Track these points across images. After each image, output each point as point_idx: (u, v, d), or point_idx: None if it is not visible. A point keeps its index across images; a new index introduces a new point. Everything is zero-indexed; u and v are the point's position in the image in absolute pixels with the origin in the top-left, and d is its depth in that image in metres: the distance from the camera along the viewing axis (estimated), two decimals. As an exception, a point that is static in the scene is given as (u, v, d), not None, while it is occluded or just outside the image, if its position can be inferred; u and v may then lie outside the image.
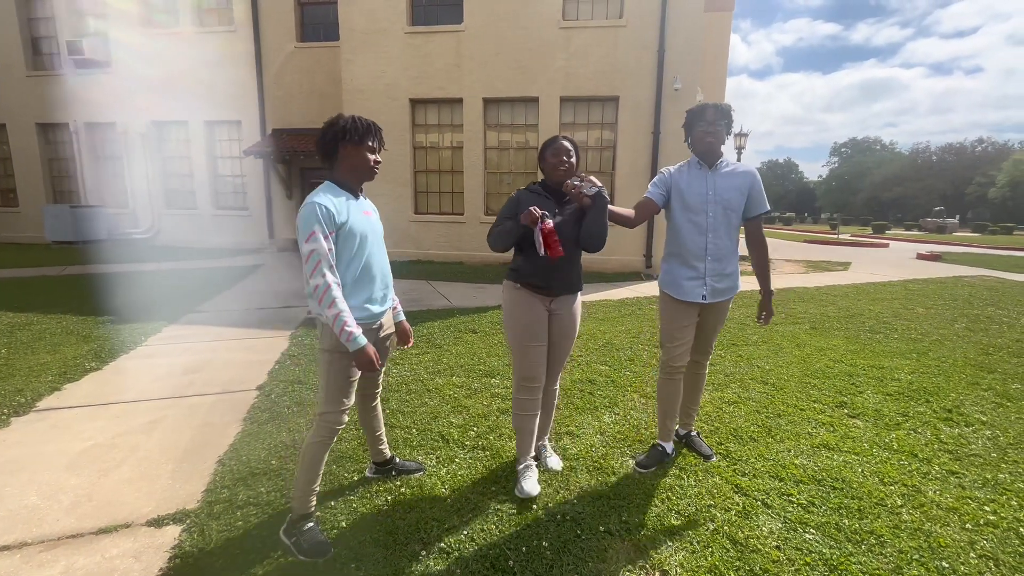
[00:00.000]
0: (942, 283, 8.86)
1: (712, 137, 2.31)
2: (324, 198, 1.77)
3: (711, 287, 2.37)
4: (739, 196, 2.32)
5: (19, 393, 3.26)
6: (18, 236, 13.55)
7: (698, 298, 2.37)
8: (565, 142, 2.23)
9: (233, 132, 12.67)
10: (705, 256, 2.35)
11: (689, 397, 2.63)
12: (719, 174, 2.34)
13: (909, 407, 3.27)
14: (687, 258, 2.37)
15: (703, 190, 2.33)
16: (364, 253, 1.88)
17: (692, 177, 2.37)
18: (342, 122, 1.83)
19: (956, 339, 5.00)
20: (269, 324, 5.19)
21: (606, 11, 9.52)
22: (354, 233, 1.82)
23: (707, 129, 2.31)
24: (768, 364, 4.12)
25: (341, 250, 1.82)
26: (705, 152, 2.34)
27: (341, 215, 1.79)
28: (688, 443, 2.67)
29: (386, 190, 10.47)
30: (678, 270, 2.40)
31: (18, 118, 13.12)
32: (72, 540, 1.90)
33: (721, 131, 2.31)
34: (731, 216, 2.33)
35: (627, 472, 2.44)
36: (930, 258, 13.54)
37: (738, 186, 2.33)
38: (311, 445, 1.88)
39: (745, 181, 2.34)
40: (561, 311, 2.28)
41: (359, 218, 1.86)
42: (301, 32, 11.93)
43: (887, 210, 57.51)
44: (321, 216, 1.73)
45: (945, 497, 2.26)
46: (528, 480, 2.23)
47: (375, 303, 1.93)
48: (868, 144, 74.66)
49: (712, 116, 2.30)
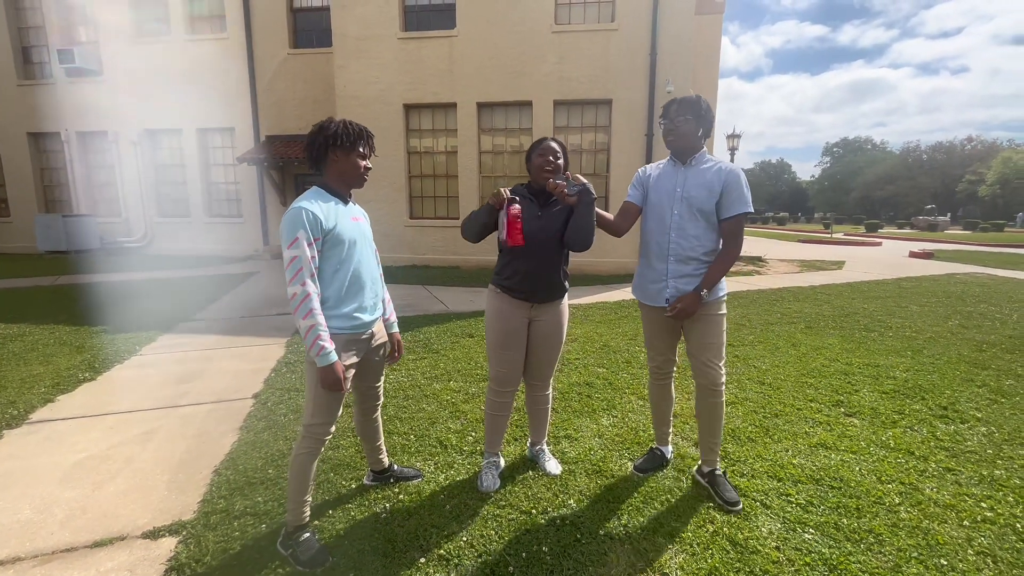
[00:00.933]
0: (935, 281, 8.93)
1: (673, 135, 2.17)
2: (311, 203, 1.72)
3: (675, 289, 2.18)
4: (707, 194, 2.12)
5: (11, 405, 3.22)
6: (9, 246, 13.44)
7: (661, 302, 2.22)
8: (552, 143, 2.22)
9: (226, 139, 12.64)
10: (667, 256, 2.19)
11: (704, 427, 2.31)
12: (692, 170, 2.19)
13: (905, 405, 3.29)
14: (650, 259, 2.26)
15: (671, 186, 2.20)
16: (353, 260, 1.84)
17: (663, 173, 2.26)
18: (332, 127, 1.79)
19: (950, 336, 5.03)
20: (264, 331, 5.17)
21: (598, 15, 9.58)
22: (342, 240, 1.78)
23: (668, 126, 2.18)
24: (764, 364, 4.13)
25: (328, 257, 1.77)
26: (675, 149, 2.21)
27: (328, 221, 1.74)
28: (711, 484, 2.27)
29: (381, 195, 10.47)
30: (645, 272, 2.30)
31: (9, 128, 13.03)
32: (66, 554, 1.88)
33: (685, 126, 2.14)
34: (698, 215, 2.14)
35: (626, 475, 2.43)
36: (922, 256, 13.66)
37: (708, 183, 2.13)
38: (298, 456, 1.85)
39: (718, 178, 2.13)
40: (543, 318, 2.26)
41: (347, 224, 1.83)
42: (294, 38, 11.94)
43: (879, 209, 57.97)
44: (307, 222, 1.68)
45: (942, 494, 2.27)
46: (488, 476, 2.34)
47: (365, 311, 1.90)
48: (860, 144, 75.31)
49: (674, 112, 2.15)
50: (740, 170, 2.14)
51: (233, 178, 12.71)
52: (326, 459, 2.55)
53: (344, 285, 1.82)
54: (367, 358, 2.01)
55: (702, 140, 2.19)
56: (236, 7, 11.79)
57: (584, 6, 9.63)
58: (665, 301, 2.20)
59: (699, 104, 2.13)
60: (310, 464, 1.87)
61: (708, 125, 2.17)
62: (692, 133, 2.15)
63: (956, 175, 54.18)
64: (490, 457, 2.42)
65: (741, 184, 2.11)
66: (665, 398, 2.45)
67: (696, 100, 2.14)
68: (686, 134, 2.15)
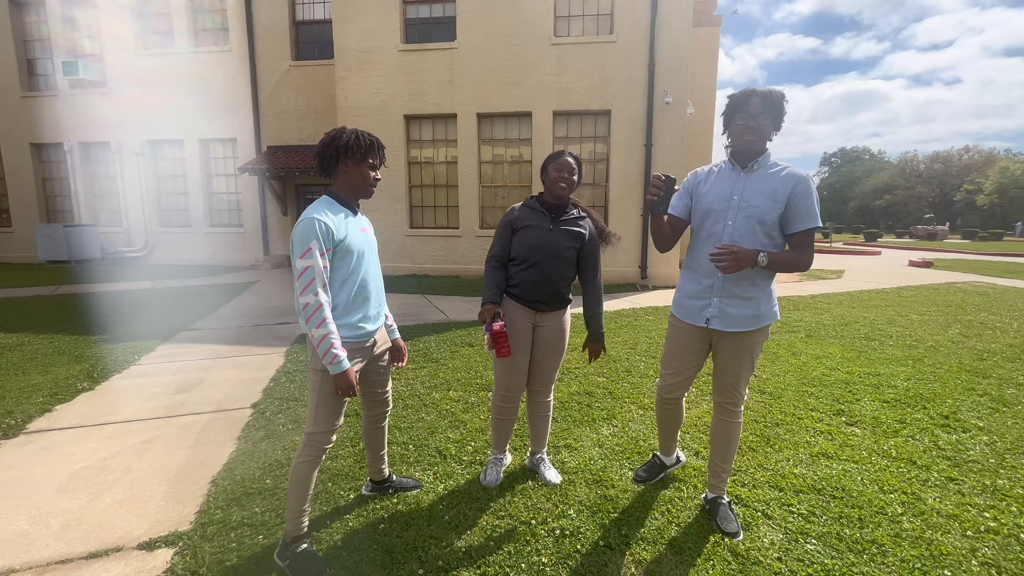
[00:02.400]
0: (935, 289, 8.93)
1: (753, 135, 1.86)
2: (323, 214, 1.74)
3: (719, 310, 1.95)
4: (771, 203, 1.85)
5: (9, 415, 3.21)
6: (11, 256, 13.47)
7: (701, 321, 1.99)
8: (569, 158, 2.24)
9: (228, 150, 12.72)
10: (716, 272, 1.92)
11: (717, 451, 2.14)
12: (753, 176, 1.91)
13: (906, 414, 3.28)
14: (696, 272, 2.01)
15: (727, 193, 1.92)
16: (361, 271, 1.86)
17: (719, 178, 1.98)
18: (344, 137, 1.80)
19: (950, 345, 5.03)
20: (263, 341, 5.16)
21: (596, 28, 9.70)
22: (351, 250, 1.80)
23: (748, 123, 1.85)
24: (765, 373, 4.12)
25: (337, 267, 1.79)
26: (743, 152, 1.92)
27: (339, 232, 1.76)
28: (712, 511, 2.12)
29: (381, 205, 10.51)
30: (686, 286, 2.07)
31: (12, 138, 13.13)
32: (61, 565, 1.86)
33: (766, 126, 1.85)
34: (758, 228, 1.87)
35: (626, 485, 2.41)
36: (922, 265, 13.66)
37: (772, 191, 1.86)
38: (299, 464, 1.85)
39: (785, 186, 1.85)
40: (546, 325, 2.30)
41: (357, 235, 1.85)
42: (296, 51, 12.07)
43: (878, 218, 58.15)
44: (319, 232, 1.70)
45: (945, 504, 2.25)
46: (492, 471, 2.44)
47: (370, 321, 1.92)
48: (857, 154, 75.78)
49: (757, 107, 1.83)
50: (810, 177, 1.87)
51: (234, 188, 12.78)
52: (324, 469, 2.53)
53: (351, 295, 1.84)
54: (371, 366, 2.05)
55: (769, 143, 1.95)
56: (239, 20, 11.94)
57: (583, 19, 9.75)
58: (705, 321, 1.98)
59: (782, 101, 1.85)
60: (310, 473, 1.86)
61: (780, 125, 1.91)
62: (769, 135, 1.88)
63: (954, 184, 54.44)
64: (496, 454, 2.50)
65: (812, 194, 1.85)
66: (676, 416, 2.30)
67: (780, 96, 1.85)
68: (766, 135, 1.87)
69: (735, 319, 1.94)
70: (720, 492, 2.17)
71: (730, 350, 2.00)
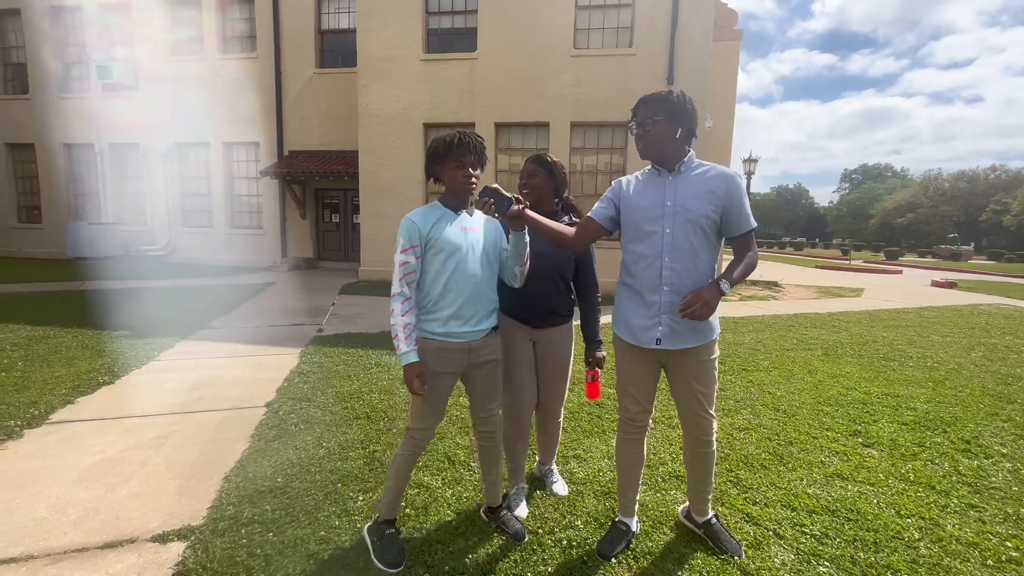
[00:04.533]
0: (958, 311, 8.71)
1: (643, 142, 1.81)
2: (417, 214, 1.85)
3: (669, 327, 1.81)
4: (706, 205, 1.75)
5: (33, 405, 3.30)
6: (40, 252, 13.92)
7: (651, 343, 1.84)
8: (532, 163, 2.19)
9: (251, 153, 13.03)
10: (660, 286, 1.79)
11: (695, 477, 2.04)
12: (683, 178, 1.80)
13: (926, 437, 3.20)
14: (638, 290, 1.86)
15: (658, 199, 1.81)
16: (451, 268, 1.84)
17: (646, 184, 1.87)
18: (434, 143, 1.88)
19: (973, 368, 4.90)
20: (279, 341, 5.24)
21: (616, 40, 9.76)
22: (442, 248, 1.82)
23: (636, 132, 1.83)
24: (780, 390, 4.05)
25: (429, 263, 1.84)
26: (649, 159, 1.86)
27: (430, 230, 1.82)
28: (708, 534, 2.03)
29: (399, 211, 10.62)
30: (628, 305, 1.92)
31: (46, 138, 13.61)
32: (78, 554, 1.91)
33: (655, 129, 1.76)
34: (697, 233, 1.77)
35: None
36: (945, 285, 13.36)
37: (706, 192, 1.76)
38: (397, 456, 1.96)
39: (718, 185, 1.76)
40: (544, 342, 2.21)
41: (454, 233, 1.85)
42: (321, 58, 12.36)
43: (900, 236, 57.05)
44: (408, 230, 1.81)
45: (965, 531, 2.19)
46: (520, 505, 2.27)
47: (460, 320, 1.86)
48: (879, 171, 74.64)
49: (641, 113, 1.79)
50: (739, 175, 1.82)
51: (255, 191, 13.06)
52: (334, 470, 2.56)
53: (439, 291, 1.85)
54: (471, 374, 1.96)
55: (686, 143, 1.82)
56: (267, 28, 12.28)
57: (603, 32, 9.82)
58: (656, 342, 1.83)
59: (670, 99, 1.75)
60: (407, 465, 1.96)
61: (690, 124, 1.79)
62: (667, 137, 1.77)
63: (980, 204, 53.21)
64: (518, 484, 2.37)
65: (744, 196, 1.80)
66: (638, 457, 2.03)
67: (666, 96, 1.76)
68: (659, 138, 1.78)
69: (682, 335, 1.81)
70: (706, 514, 2.07)
71: (688, 369, 1.87)
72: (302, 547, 1.97)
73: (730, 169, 1.82)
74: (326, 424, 3.14)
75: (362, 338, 5.45)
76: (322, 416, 3.27)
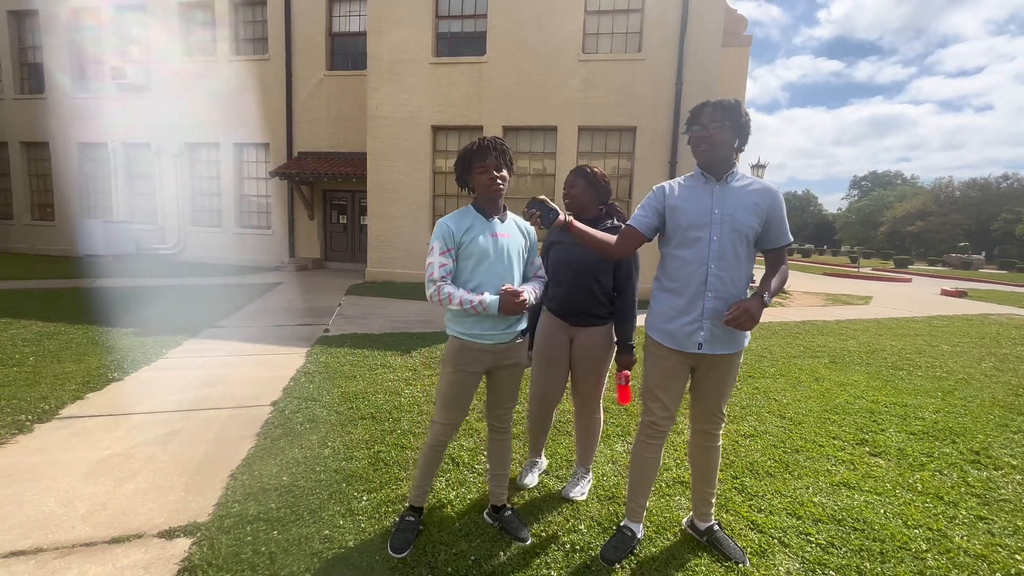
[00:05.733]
0: (968, 320, 8.62)
1: (705, 144, 1.83)
2: (451, 217, 1.93)
3: (710, 332, 1.85)
4: (752, 218, 1.81)
5: (44, 400, 3.35)
6: (53, 249, 14.11)
7: (693, 347, 1.87)
8: (572, 174, 2.32)
9: (261, 154, 13.16)
10: (704, 292, 1.84)
11: (701, 478, 2.07)
12: (729, 188, 1.85)
13: (934, 447, 3.16)
14: (681, 295, 1.89)
15: (706, 207, 1.84)
16: (480, 272, 1.90)
17: (693, 191, 1.90)
18: (459, 154, 1.95)
19: (983, 378, 4.84)
20: (285, 341, 5.27)
21: (624, 45, 9.77)
22: (471, 252, 1.90)
23: (699, 133, 1.84)
24: (786, 398, 4.03)
25: (460, 268, 1.93)
26: (704, 163, 1.88)
27: (462, 234, 1.90)
28: (711, 541, 2.05)
29: (407, 213, 10.70)
30: (668, 309, 1.92)
31: (61, 138, 13.81)
32: (86, 548, 1.93)
33: (721, 134, 1.80)
34: (741, 242, 1.83)
35: (639, 503, 2.38)
36: (955, 294, 13.21)
37: (752, 204, 1.81)
38: (424, 447, 2.06)
39: (763, 199, 1.82)
40: (582, 340, 2.31)
41: (484, 239, 1.90)
42: (331, 61, 12.47)
43: (909, 244, 56.47)
44: (442, 233, 1.89)
45: (973, 544, 2.16)
46: (528, 474, 2.55)
47: (487, 323, 1.92)
48: (889, 178, 73.99)
49: (708, 116, 1.81)
50: (780, 191, 1.89)
51: (264, 191, 13.17)
52: (339, 470, 2.57)
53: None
54: (494, 374, 2.06)
55: (737, 154, 1.89)
56: (279, 31, 12.42)
57: (611, 36, 9.84)
58: (697, 346, 1.87)
59: (738, 110, 1.79)
60: (431, 457, 2.05)
61: (745, 137, 1.85)
62: (728, 144, 1.82)
63: (992, 213, 52.53)
64: (532, 458, 2.63)
65: (784, 211, 1.87)
66: (654, 463, 2.04)
67: (735, 105, 1.79)
68: (721, 143, 1.81)
69: (723, 340, 1.87)
70: (709, 519, 2.09)
71: (718, 373, 1.94)
72: (306, 545, 1.98)
73: (772, 184, 1.88)
74: (331, 424, 3.16)
75: (368, 339, 5.47)
76: (327, 416, 3.28)
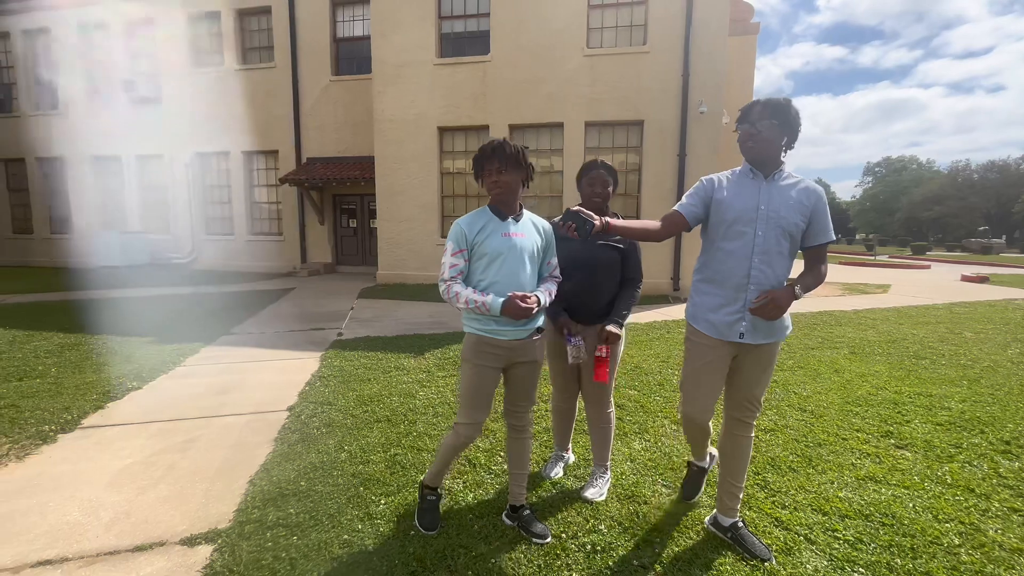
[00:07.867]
0: (991, 306, 8.40)
1: (753, 141, 1.85)
2: (465, 219, 1.97)
3: (751, 323, 1.90)
4: (797, 215, 1.85)
5: (66, 411, 3.40)
6: (70, 260, 14.38)
7: (735, 336, 1.91)
8: (602, 171, 2.28)
9: (270, 161, 13.29)
10: (747, 285, 1.88)
11: (729, 469, 2.06)
12: (776, 185, 1.88)
13: (962, 438, 3.08)
14: (724, 286, 1.93)
15: (752, 203, 1.88)
16: (493, 272, 1.94)
17: (740, 186, 1.93)
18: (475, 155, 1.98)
19: (1010, 366, 4.71)
20: (299, 346, 5.31)
21: (629, 39, 9.68)
22: (484, 253, 1.93)
23: (748, 131, 1.86)
24: (806, 390, 3.95)
25: (474, 268, 1.97)
26: (751, 160, 1.90)
27: (473, 235, 1.93)
28: (735, 539, 2.02)
29: (414, 214, 10.73)
30: (711, 300, 1.97)
31: (76, 151, 14.09)
32: (109, 557, 1.95)
33: (769, 132, 1.82)
34: (785, 238, 1.86)
35: (659, 501, 2.35)
36: (976, 280, 12.89)
37: (797, 203, 1.85)
38: (444, 443, 2.09)
39: (808, 198, 1.86)
40: (592, 336, 2.31)
41: (497, 239, 1.93)
42: (336, 66, 12.54)
43: (927, 230, 55.25)
44: (454, 234, 1.94)
45: (1008, 537, 2.09)
46: (552, 466, 2.61)
47: (500, 321, 1.93)
48: (904, 163, 72.46)
49: (758, 114, 1.83)
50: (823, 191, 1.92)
51: (275, 198, 13.30)
52: (356, 474, 2.57)
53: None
54: (511, 370, 2.06)
55: (785, 152, 1.91)
56: (284, 38, 12.52)
57: (616, 30, 9.75)
58: (739, 336, 1.91)
59: (788, 109, 1.82)
60: (451, 453, 2.08)
61: (794, 136, 1.87)
62: (776, 141, 1.85)
63: (1012, 195, 51.20)
64: (558, 451, 2.68)
65: (827, 210, 1.90)
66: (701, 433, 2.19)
67: (786, 104, 1.83)
68: (770, 141, 1.84)
69: (764, 331, 1.92)
70: (735, 515, 2.07)
71: (759, 362, 1.97)
72: (326, 550, 1.98)
73: (817, 185, 1.92)
74: (347, 428, 3.17)
75: (381, 341, 5.49)
76: (343, 420, 3.29)
